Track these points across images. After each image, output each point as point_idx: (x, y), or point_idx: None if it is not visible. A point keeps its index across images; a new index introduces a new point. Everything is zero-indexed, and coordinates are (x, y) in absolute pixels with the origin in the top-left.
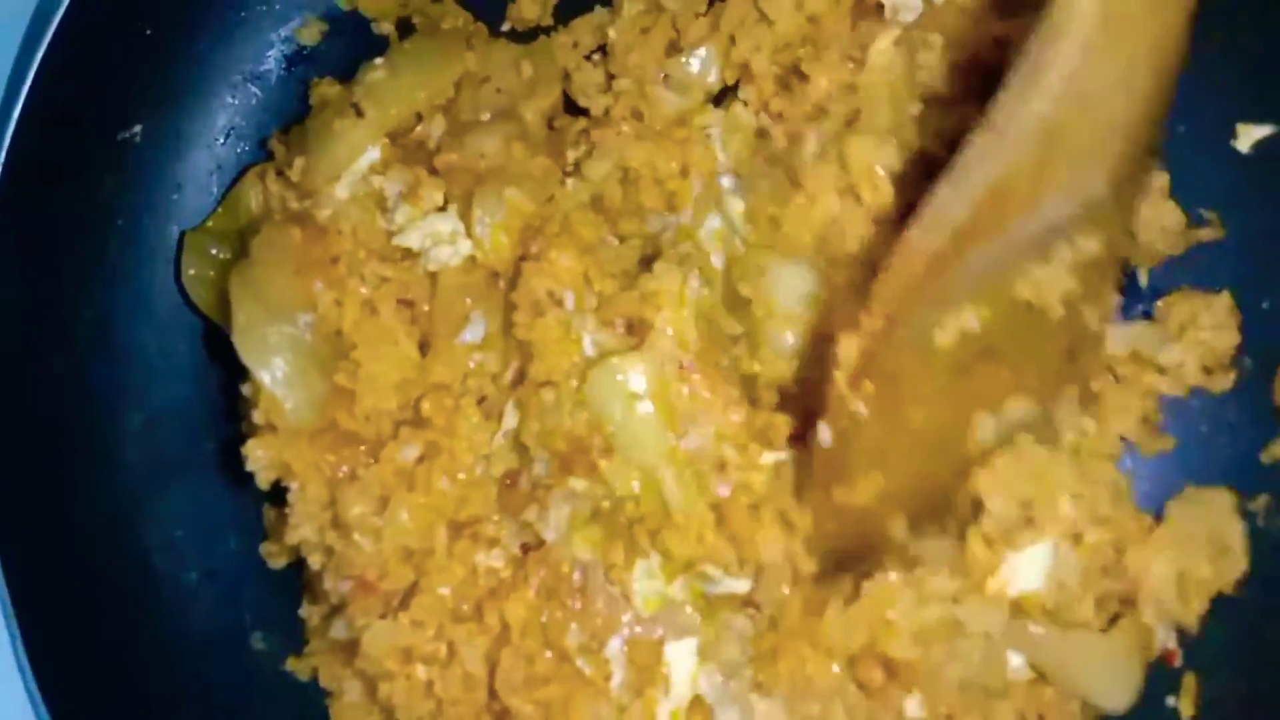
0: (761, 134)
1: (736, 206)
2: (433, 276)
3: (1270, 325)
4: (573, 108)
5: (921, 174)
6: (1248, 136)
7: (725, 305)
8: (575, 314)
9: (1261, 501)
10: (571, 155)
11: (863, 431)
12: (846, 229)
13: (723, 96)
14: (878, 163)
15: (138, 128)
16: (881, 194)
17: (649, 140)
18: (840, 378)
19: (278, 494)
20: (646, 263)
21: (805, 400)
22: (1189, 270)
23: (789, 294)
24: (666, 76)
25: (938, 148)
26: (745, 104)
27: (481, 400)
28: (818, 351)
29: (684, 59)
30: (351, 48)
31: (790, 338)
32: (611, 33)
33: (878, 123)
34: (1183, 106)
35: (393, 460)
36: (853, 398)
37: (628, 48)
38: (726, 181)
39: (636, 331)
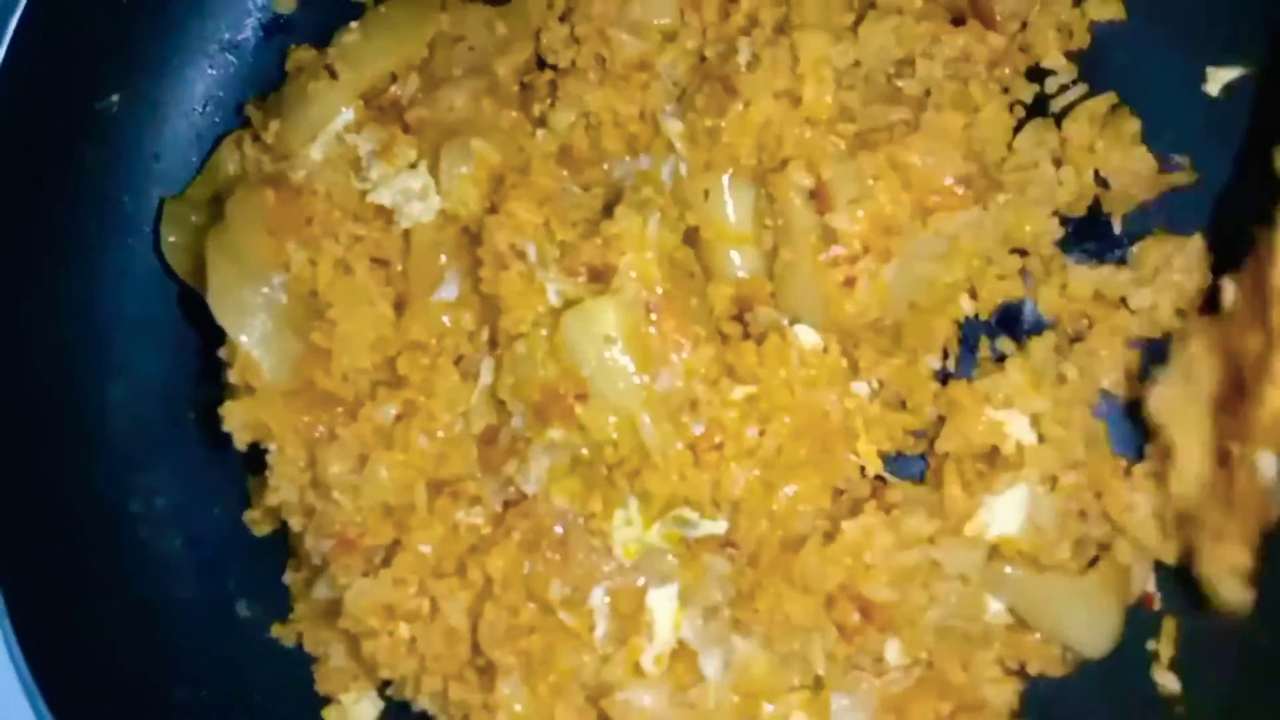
0: (702, 59)
1: (675, 128)
2: (406, 235)
3: None
4: (544, 67)
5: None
6: (1217, 80)
7: (687, 243)
8: (538, 265)
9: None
10: (538, 108)
11: None
12: (784, 133)
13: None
14: (827, 59)
15: (115, 97)
16: (823, 93)
17: (609, 85)
18: None
19: (259, 462)
20: (609, 209)
21: None
22: (1162, 215)
23: (734, 211)
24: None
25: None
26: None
27: (459, 359)
28: None
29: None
30: (329, 15)
31: (738, 257)
32: None
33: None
34: (1152, 51)
35: (371, 419)
36: None
37: None
38: (668, 107)
39: (601, 277)
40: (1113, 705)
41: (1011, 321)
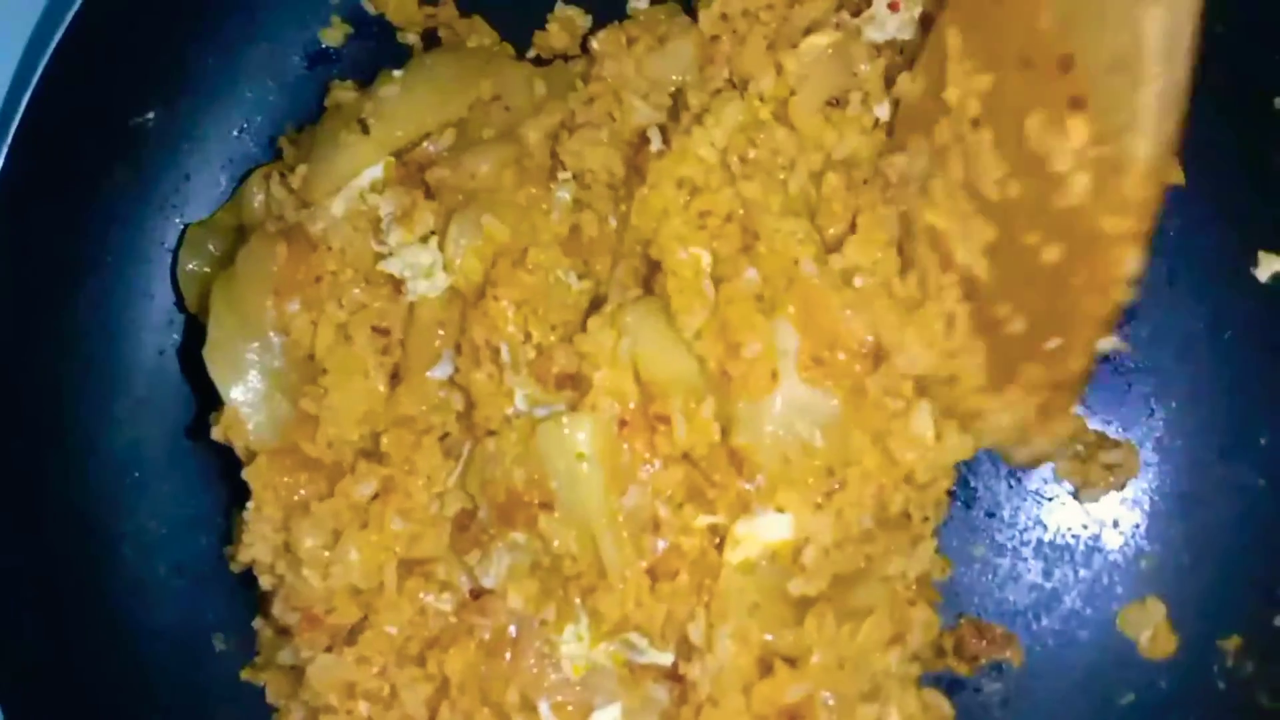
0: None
1: None
2: (411, 307)
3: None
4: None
5: None
6: (1268, 266)
7: None
8: (510, 367)
9: None
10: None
11: None
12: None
13: None
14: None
15: (151, 115)
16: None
17: (613, 147)
18: None
19: (243, 498)
20: (597, 305)
21: None
22: None
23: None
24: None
25: None
26: None
27: (444, 437)
28: None
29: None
30: (375, 53)
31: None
32: (594, 43)
33: None
34: (1207, 224)
35: (348, 495)
36: None
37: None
38: None
39: (571, 385)
40: None
41: None
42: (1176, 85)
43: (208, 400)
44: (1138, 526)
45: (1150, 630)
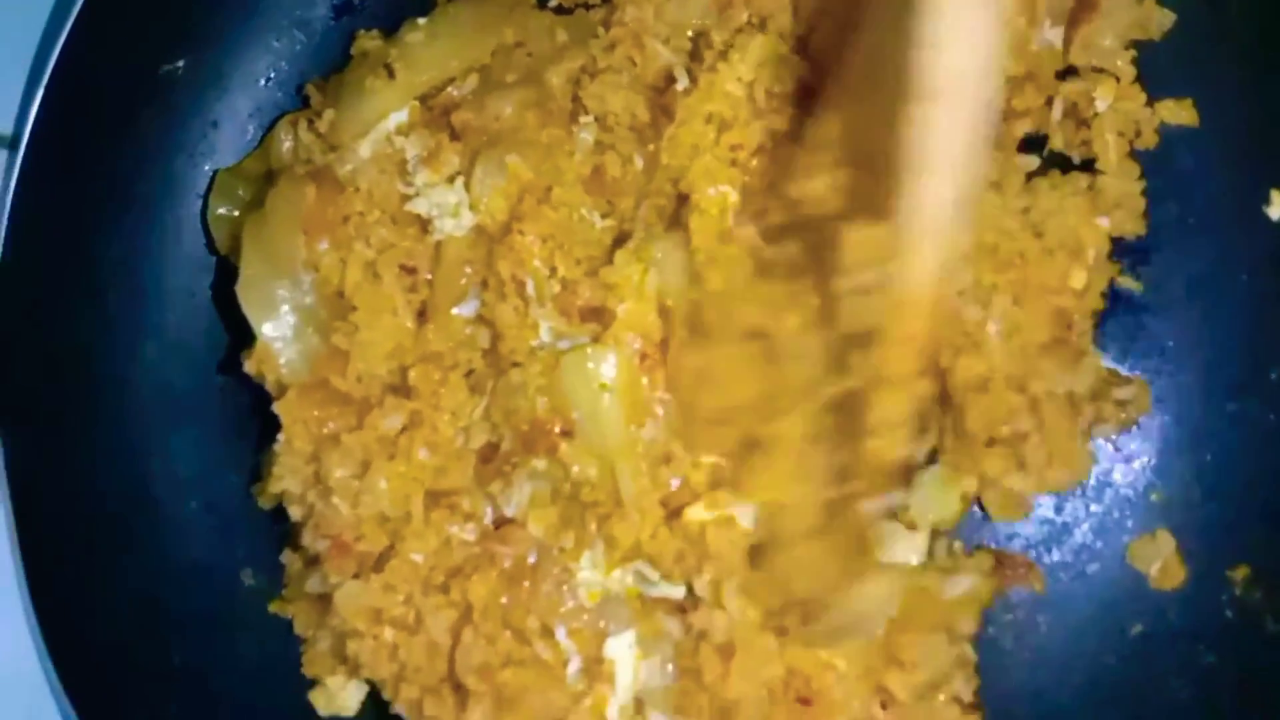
0: None
1: None
2: (438, 246)
3: None
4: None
5: None
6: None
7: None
8: (535, 300)
9: None
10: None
11: None
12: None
13: None
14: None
15: (180, 63)
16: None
17: (635, 90)
18: None
19: (272, 437)
20: (620, 242)
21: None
22: None
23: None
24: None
25: None
26: None
27: (469, 374)
28: None
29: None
30: (399, 3)
31: None
32: None
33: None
34: (1219, 163)
35: (376, 427)
36: None
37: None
38: None
39: (595, 319)
40: None
41: None
42: (948, 204)
43: (237, 342)
44: (1148, 461)
45: (1160, 562)
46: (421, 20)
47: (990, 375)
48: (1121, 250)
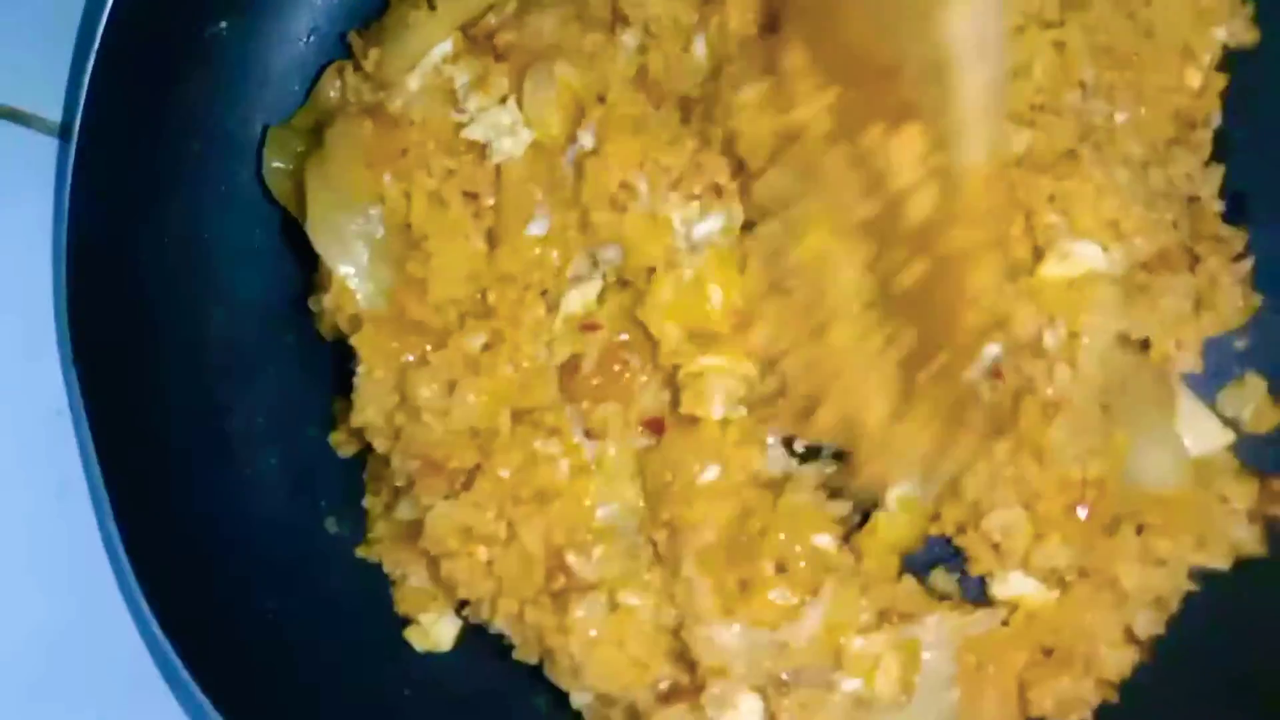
0: None
1: None
2: (497, 169)
3: None
4: None
5: None
6: None
7: None
8: (653, 195)
9: None
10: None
11: None
12: None
13: None
14: None
15: (224, 24)
16: None
17: None
18: None
19: (347, 386)
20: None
21: None
22: None
23: None
24: None
25: None
26: None
27: (544, 292)
28: None
29: None
30: None
31: None
32: None
33: None
34: None
35: (460, 348)
36: None
37: None
38: None
39: (719, 193)
40: None
41: None
42: (990, 86)
43: (303, 296)
44: None
45: (1253, 405)
46: None
47: None
48: None
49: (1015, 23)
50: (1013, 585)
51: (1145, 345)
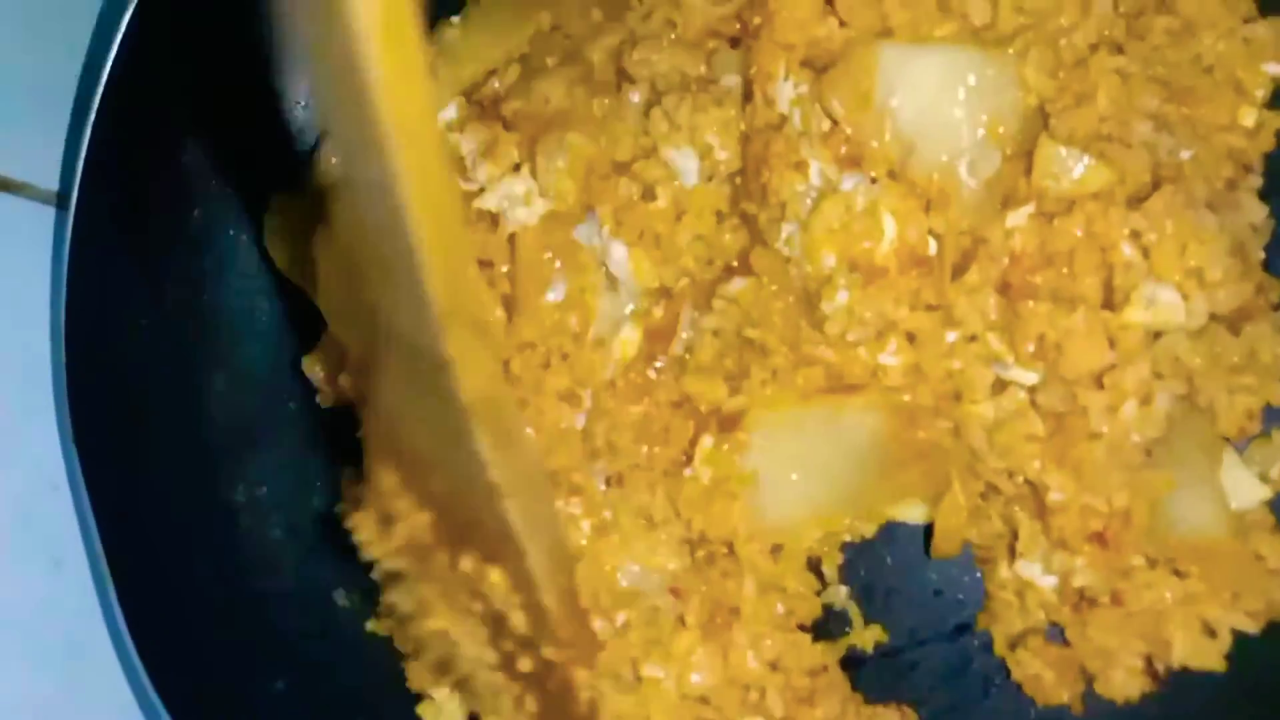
0: None
1: None
2: (511, 238)
3: None
4: None
5: None
6: None
7: None
8: (802, 132)
9: None
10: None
11: None
12: None
13: None
14: None
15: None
16: None
17: (680, 49)
18: None
19: (354, 454)
20: None
21: None
22: None
23: None
24: None
25: None
26: None
27: (565, 357)
28: None
29: None
30: (431, 5)
31: None
32: None
33: None
34: None
35: None
36: None
37: None
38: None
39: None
40: None
41: None
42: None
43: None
44: None
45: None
46: (455, 18)
47: None
48: None
49: (1080, 48)
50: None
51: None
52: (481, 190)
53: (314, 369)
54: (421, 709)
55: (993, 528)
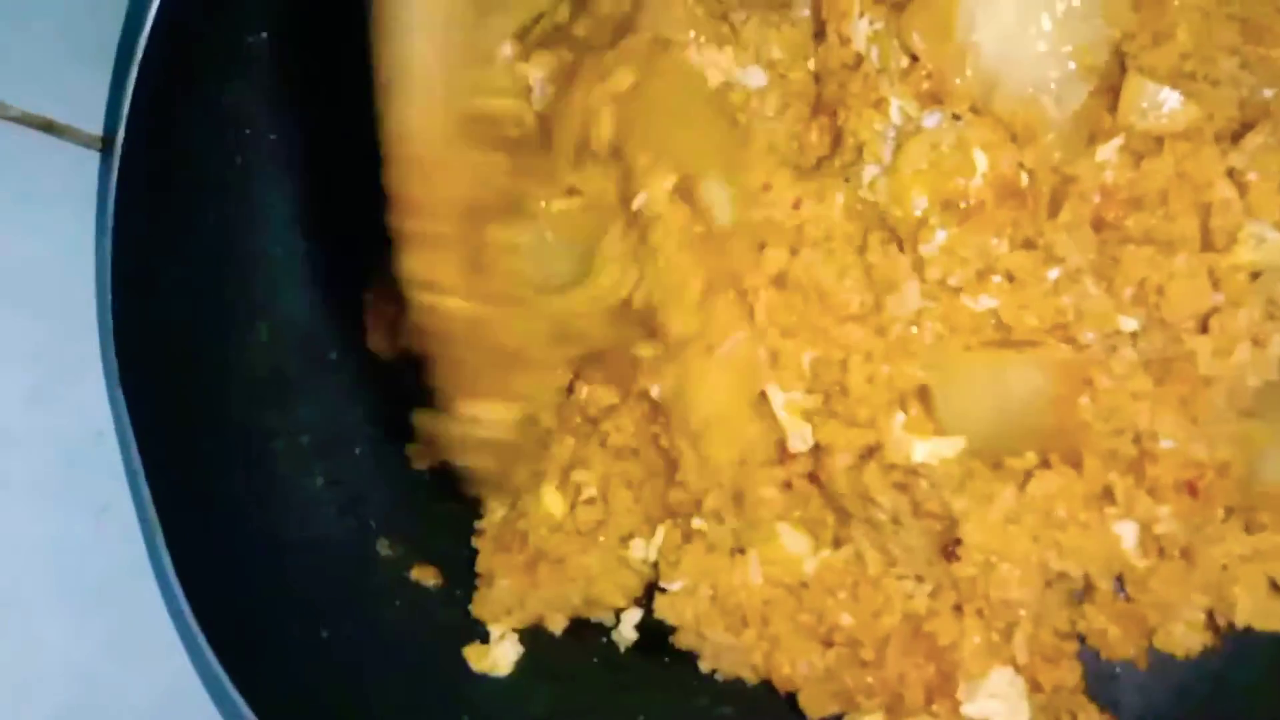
0: None
1: None
2: None
3: None
4: None
5: None
6: None
7: None
8: (881, 69)
9: None
10: None
11: None
12: None
13: None
14: None
15: (264, 33)
16: None
17: None
18: None
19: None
20: None
21: None
22: None
23: None
24: None
25: None
26: None
27: None
28: None
29: None
30: None
31: None
32: None
33: None
34: None
35: None
36: None
37: None
38: None
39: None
40: None
41: None
42: None
43: (343, 314)
44: None
45: None
46: None
47: None
48: None
49: None
50: None
51: None
52: None
53: None
54: (467, 651)
55: None
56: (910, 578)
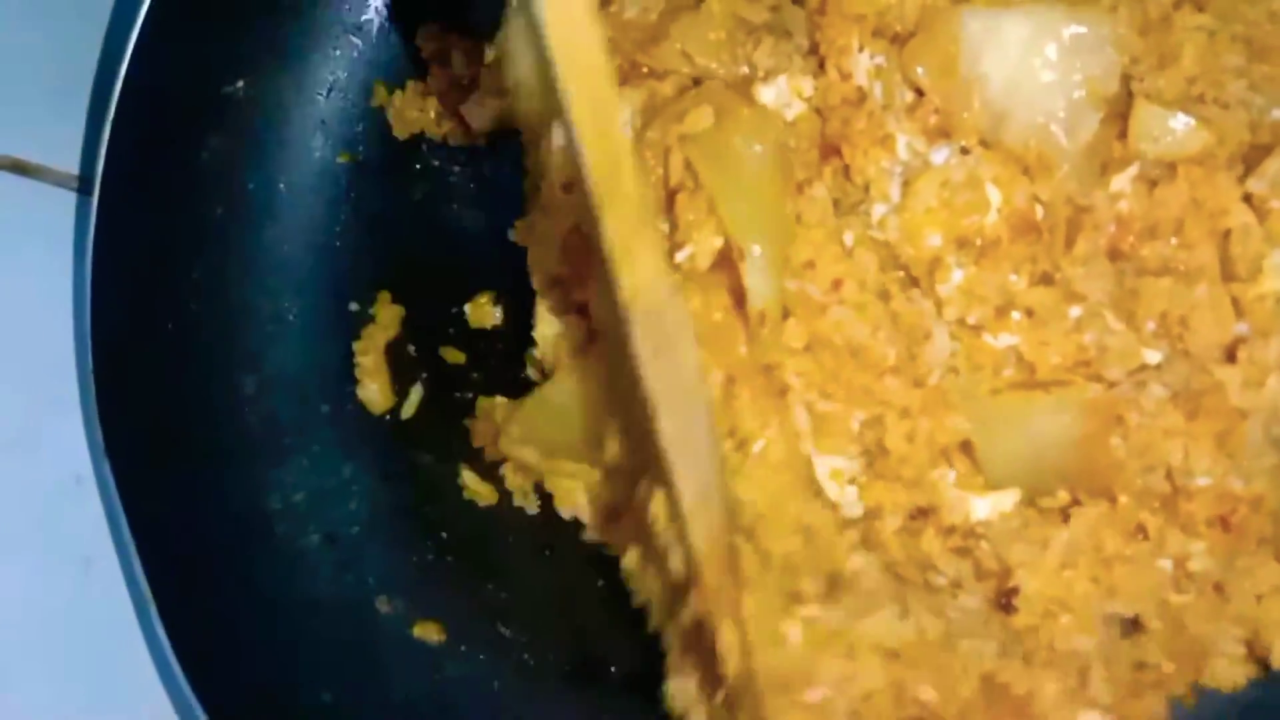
0: None
1: None
2: None
3: None
4: None
5: None
6: None
7: None
8: (885, 105)
9: None
10: None
11: None
12: None
13: None
14: None
15: (240, 83)
16: None
17: None
18: None
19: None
20: None
21: None
22: None
23: None
24: None
25: None
26: None
27: None
28: None
29: None
30: None
31: None
32: None
33: None
34: None
35: None
36: None
37: None
38: None
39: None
40: None
41: None
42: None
43: (336, 363)
44: None
45: None
46: None
47: None
48: None
49: (1165, 4)
50: None
51: None
52: None
53: None
54: None
55: None
56: (974, 638)
